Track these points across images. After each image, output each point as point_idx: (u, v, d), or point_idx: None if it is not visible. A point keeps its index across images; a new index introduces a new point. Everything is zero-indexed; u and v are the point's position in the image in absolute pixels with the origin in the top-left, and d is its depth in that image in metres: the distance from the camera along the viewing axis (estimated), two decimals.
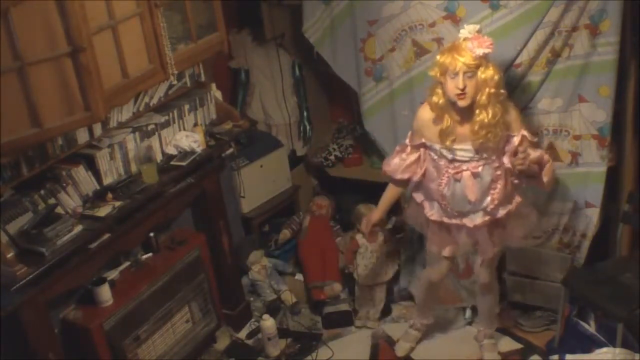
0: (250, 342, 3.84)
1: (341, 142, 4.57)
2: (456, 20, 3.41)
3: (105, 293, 3.13)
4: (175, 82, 3.42)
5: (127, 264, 3.36)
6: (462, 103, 2.86)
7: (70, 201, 3.02)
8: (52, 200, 2.94)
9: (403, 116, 3.77)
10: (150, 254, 3.45)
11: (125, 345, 3.18)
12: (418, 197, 3.24)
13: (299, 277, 4.18)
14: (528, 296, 3.69)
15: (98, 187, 3.14)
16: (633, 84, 3.33)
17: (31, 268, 2.72)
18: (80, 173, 3.06)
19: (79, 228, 2.91)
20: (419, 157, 3.12)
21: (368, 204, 3.91)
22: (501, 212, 3.07)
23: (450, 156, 2.98)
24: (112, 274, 3.26)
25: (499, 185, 3.00)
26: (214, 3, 3.41)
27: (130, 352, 3.21)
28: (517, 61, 3.35)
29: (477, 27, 2.90)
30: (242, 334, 3.90)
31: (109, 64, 2.88)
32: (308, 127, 4.65)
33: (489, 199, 3.02)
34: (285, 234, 4.30)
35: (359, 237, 3.91)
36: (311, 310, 4.02)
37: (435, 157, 3.04)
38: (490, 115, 2.85)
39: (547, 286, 3.58)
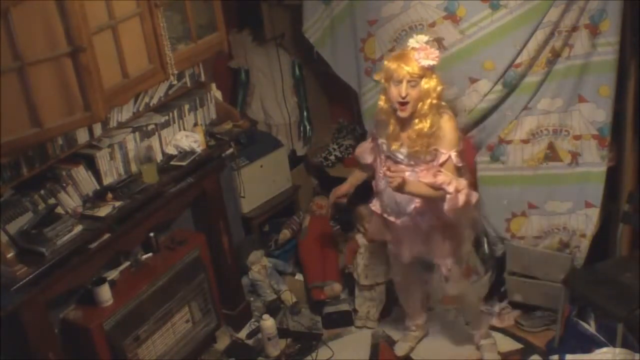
0: (250, 342, 3.84)
1: (341, 142, 4.57)
2: (456, 20, 3.41)
3: (105, 293, 3.13)
4: (175, 82, 3.42)
5: (127, 264, 3.36)
6: (402, 114, 2.91)
7: (70, 201, 3.02)
8: (52, 200, 2.94)
9: None
10: (150, 254, 3.45)
11: (125, 345, 3.18)
12: (374, 187, 3.31)
13: (299, 277, 4.18)
14: (528, 296, 3.69)
15: (98, 187, 3.14)
16: (633, 84, 3.33)
17: (31, 268, 2.72)
18: (80, 173, 3.07)
19: (79, 228, 2.91)
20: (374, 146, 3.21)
21: (368, 204, 3.91)
22: (424, 223, 3.09)
23: (387, 153, 3.05)
24: (112, 274, 3.26)
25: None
26: (214, 3, 3.41)
27: (130, 352, 3.21)
28: (517, 61, 3.35)
29: (426, 38, 2.92)
30: (242, 334, 3.90)
31: (109, 64, 2.88)
32: (308, 127, 4.65)
33: (412, 206, 3.05)
34: (285, 234, 4.30)
35: (359, 237, 3.91)
36: (311, 310, 4.02)
37: (378, 149, 3.13)
38: (428, 125, 2.89)
39: (547, 286, 3.58)
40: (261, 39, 4.43)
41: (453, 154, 2.93)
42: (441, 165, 2.93)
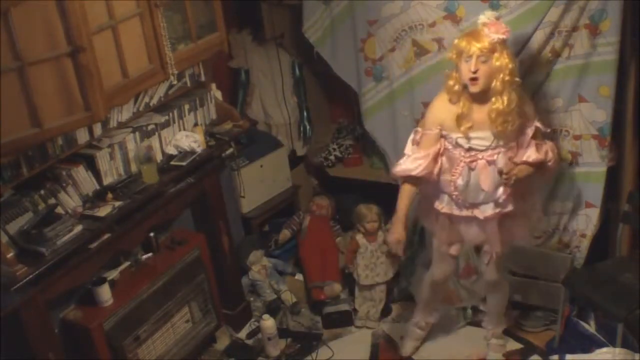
0: (250, 342, 3.84)
1: (341, 142, 4.57)
2: (456, 20, 3.41)
3: (105, 293, 3.13)
4: (175, 82, 3.42)
5: (127, 264, 3.36)
6: (473, 89, 2.88)
7: (70, 201, 3.02)
8: (52, 200, 2.94)
9: (403, 116, 3.77)
10: (150, 254, 3.44)
11: (125, 345, 3.18)
12: (427, 192, 3.22)
13: (299, 277, 4.18)
14: (528, 296, 3.69)
15: (98, 187, 3.14)
16: (633, 84, 3.33)
17: (31, 268, 2.72)
18: (80, 173, 3.06)
19: (79, 228, 2.91)
20: (436, 151, 3.05)
21: (368, 204, 3.91)
22: (511, 206, 3.05)
23: (466, 145, 2.97)
24: (112, 274, 3.25)
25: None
26: (214, 3, 3.41)
27: (130, 352, 3.21)
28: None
29: (496, 13, 2.93)
30: (242, 334, 3.90)
31: (109, 64, 2.88)
32: (308, 127, 4.65)
33: (501, 189, 3.00)
34: (285, 234, 4.30)
35: (359, 237, 3.91)
36: (311, 310, 4.02)
37: (450, 147, 3.02)
38: (505, 103, 2.87)
39: (547, 286, 3.59)
40: (261, 39, 4.42)
41: (538, 124, 3.00)
42: (533, 137, 2.98)
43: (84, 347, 3.11)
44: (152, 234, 3.42)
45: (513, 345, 3.59)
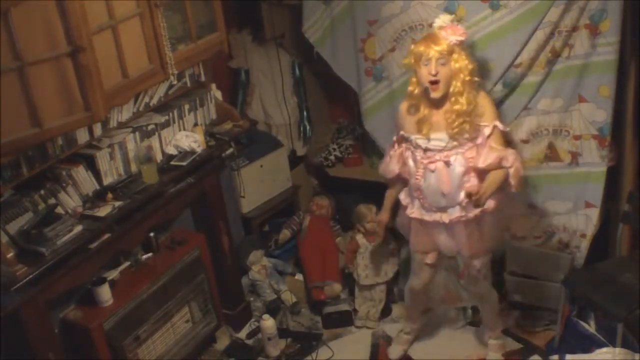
0: (250, 342, 3.84)
1: (341, 142, 4.57)
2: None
3: (105, 293, 3.13)
4: (175, 82, 3.42)
5: (127, 264, 3.36)
6: (434, 94, 2.93)
7: (70, 201, 3.03)
8: (52, 200, 2.94)
9: None
10: (150, 254, 3.45)
11: (125, 345, 3.18)
12: (404, 199, 3.27)
13: (299, 277, 4.18)
14: (528, 296, 3.69)
15: (98, 187, 3.14)
16: (633, 84, 3.33)
17: (31, 268, 2.72)
18: (80, 173, 3.07)
19: (79, 228, 2.91)
20: (400, 152, 3.18)
21: (368, 204, 3.91)
22: (476, 210, 3.04)
23: (424, 145, 3.02)
24: (112, 274, 3.26)
25: (472, 178, 3.00)
26: (214, 3, 3.41)
27: (130, 352, 3.21)
28: (517, 61, 3.35)
29: (451, 16, 3.00)
30: (242, 334, 3.90)
31: (109, 64, 2.88)
32: (308, 127, 4.65)
33: (462, 193, 3.01)
34: (285, 234, 4.30)
35: (359, 237, 3.91)
36: (311, 310, 4.02)
37: (412, 148, 3.09)
38: (465, 103, 2.92)
39: (547, 286, 3.59)
40: (261, 39, 4.43)
41: (497, 123, 2.98)
42: (488, 137, 2.97)
43: (84, 347, 3.11)
44: (152, 234, 3.43)
45: (513, 345, 3.59)
